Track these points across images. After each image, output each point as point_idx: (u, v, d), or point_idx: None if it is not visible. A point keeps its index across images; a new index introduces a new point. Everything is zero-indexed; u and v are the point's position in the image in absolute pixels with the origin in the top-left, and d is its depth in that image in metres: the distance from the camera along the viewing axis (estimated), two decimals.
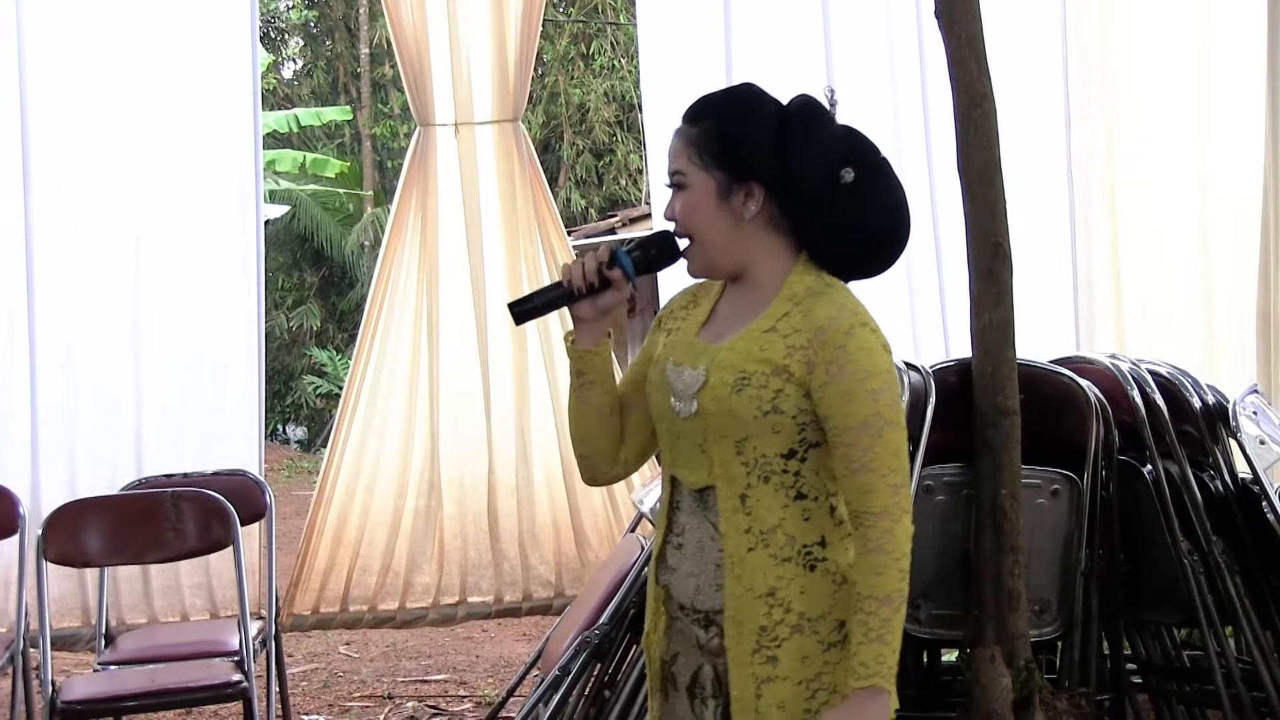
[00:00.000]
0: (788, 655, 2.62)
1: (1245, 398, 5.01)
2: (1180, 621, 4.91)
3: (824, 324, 2.62)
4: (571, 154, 21.93)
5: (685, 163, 2.72)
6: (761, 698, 2.63)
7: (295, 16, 24.76)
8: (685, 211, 2.72)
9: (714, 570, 2.69)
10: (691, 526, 2.72)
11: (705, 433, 2.66)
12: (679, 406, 2.70)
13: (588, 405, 2.81)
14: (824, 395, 2.60)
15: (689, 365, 2.70)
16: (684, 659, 2.80)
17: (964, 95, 4.08)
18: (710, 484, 2.68)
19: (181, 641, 5.72)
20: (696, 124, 2.74)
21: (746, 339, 2.67)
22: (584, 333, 2.79)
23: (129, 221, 6.38)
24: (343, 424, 6.85)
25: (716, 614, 2.69)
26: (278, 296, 22.43)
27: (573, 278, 2.73)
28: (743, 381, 2.62)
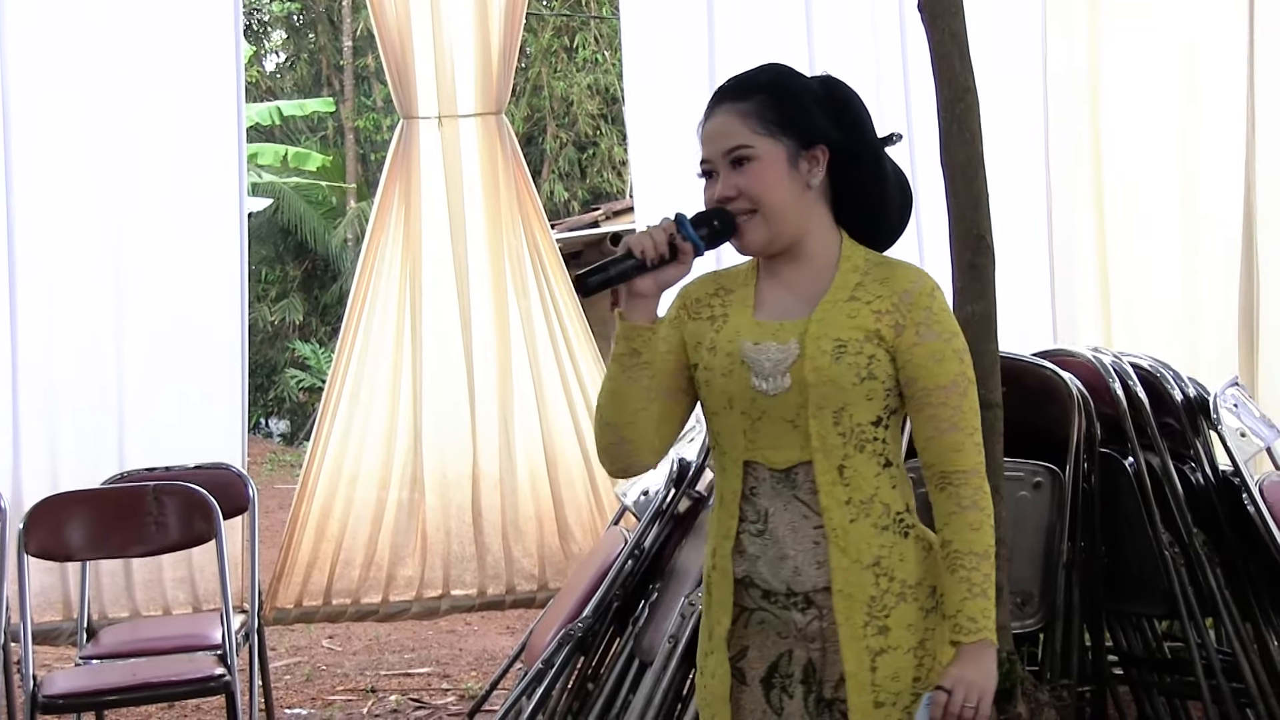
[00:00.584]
0: (897, 624, 2.65)
1: (1226, 390, 5.03)
2: (1161, 613, 4.93)
3: (908, 287, 2.69)
4: (555, 147, 21.94)
5: (749, 135, 2.69)
6: (877, 670, 2.64)
7: (278, 9, 24.73)
8: (755, 183, 2.69)
9: (812, 548, 2.67)
10: (776, 509, 2.69)
11: (802, 406, 2.64)
12: (764, 385, 2.66)
13: (637, 385, 2.71)
14: (913, 356, 2.66)
15: (774, 341, 2.68)
16: (757, 651, 2.75)
17: (947, 89, 4.08)
18: (804, 460, 2.66)
19: (163, 635, 5.70)
20: (748, 98, 2.72)
21: (831, 310, 2.68)
22: (641, 308, 2.68)
23: (111, 214, 6.36)
24: (325, 417, 6.84)
25: (818, 592, 2.67)
26: (260, 289, 22.41)
27: (645, 249, 2.64)
28: (840, 350, 2.63)
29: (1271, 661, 4.70)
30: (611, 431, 2.75)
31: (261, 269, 22.59)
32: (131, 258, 6.38)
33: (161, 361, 6.40)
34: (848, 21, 6.77)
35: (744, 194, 2.70)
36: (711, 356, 2.73)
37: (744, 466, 2.72)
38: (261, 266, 22.57)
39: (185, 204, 6.43)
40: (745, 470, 2.72)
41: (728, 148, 2.71)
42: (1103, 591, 4.79)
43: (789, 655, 2.72)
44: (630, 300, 2.68)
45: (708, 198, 2.75)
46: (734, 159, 2.70)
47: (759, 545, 2.71)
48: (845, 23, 6.77)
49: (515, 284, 6.86)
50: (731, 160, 2.71)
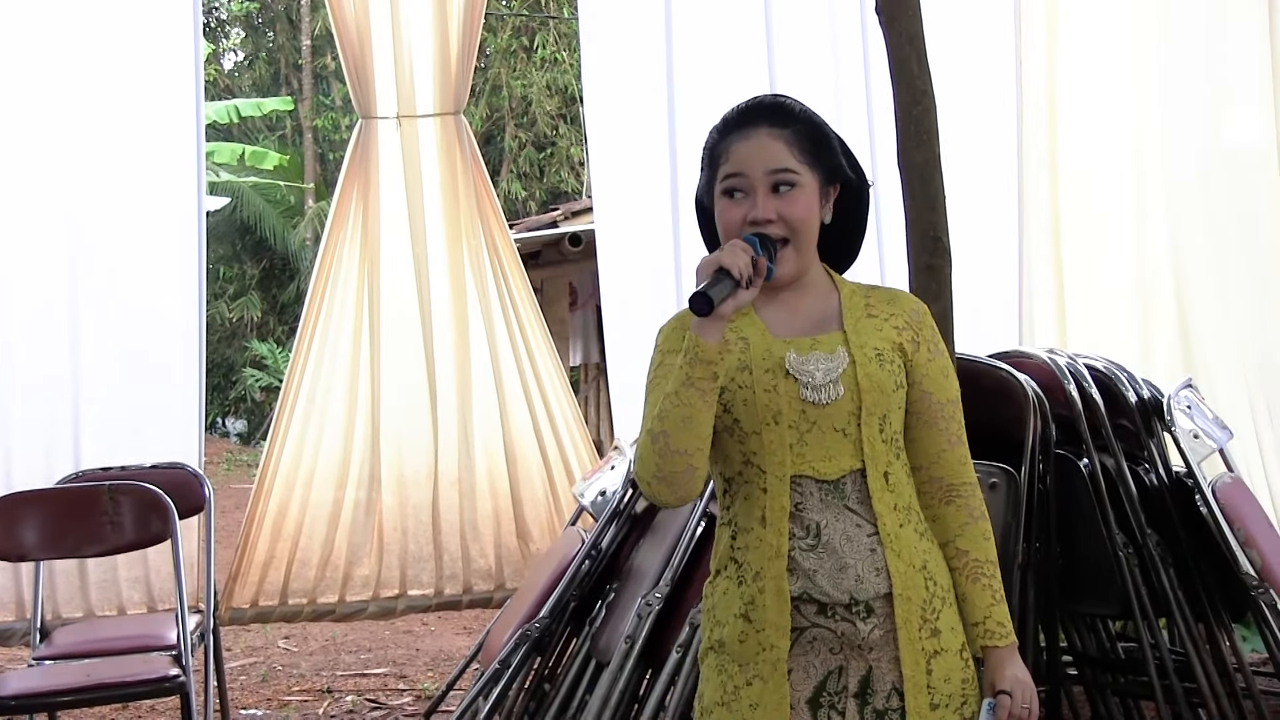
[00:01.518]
0: (945, 626, 2.68)
1: (1180, 392, 5.07)
2: (1115, 614, 4.96)
3: (914, 307, 2.79)
4: (514, 146, 21.92)
5: (794, 162, 2.69)
6: (932, 673, 2.66)
7: (236, 7, 24.66)
8: (797, 211, 2.68)
9: (869, 555, 2.65)
10: (828, 521, 2.66)
11: (854, 414, 2.65)
12: (815, 396, 2.65)
13: (711, 410, 2.62)
14: (929, 372, 2.73)
15: (822, 351, 2.68)
16: (802, 672, 2.68)
17: (904, 92, 4.10)
18: (853, 468, 2.66)
19: (118, 636, 5.67)
20: (788, 126, 2.72)
21: (860, 324, 2.73)
22: (717, 330, 2.58)
23: (68, 212, 6.33)
24: (282, 417, 6.82)
25: (879, 599, 2.65)
26: (218, 288, 22.37)
27: (742, 270, 2.56)
28: (880, 357, 2.68)
29: (1223, 661, 4.74)
30: (681, 460, 2.61)
31: (219, 267, 22.55)
32: (88, 256, 6.35)
33: (118, 360, 6.38)
34: (807, 22, 6.79)
35: (784, 220, 2.68)
36: (747, 375, 2.68)
37: (790, 482, 2.68)
38: (219, 265, 22.53)
39: (143, 202, 6.41)
40: (792, 486, 2.68)
41: (773, 169, 2.69)
42: (1057, 592, 4.82)
43: (839, 671, 2.68)
44: (713, 322, 2.58)
45: (734, 216, 2.70)
46: (777, 183, 2.69)
47: (814, 559, 2.66)
48: (805, 23, 6.78)
49: (474, 284, 6.86)
50: (774, 183, 2.69)
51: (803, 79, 6.65)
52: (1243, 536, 4.74)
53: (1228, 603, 4.87)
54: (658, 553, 4.89)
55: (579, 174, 21.31)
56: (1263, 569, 4.70)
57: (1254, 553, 4.72)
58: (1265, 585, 4.69)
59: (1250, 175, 6.80)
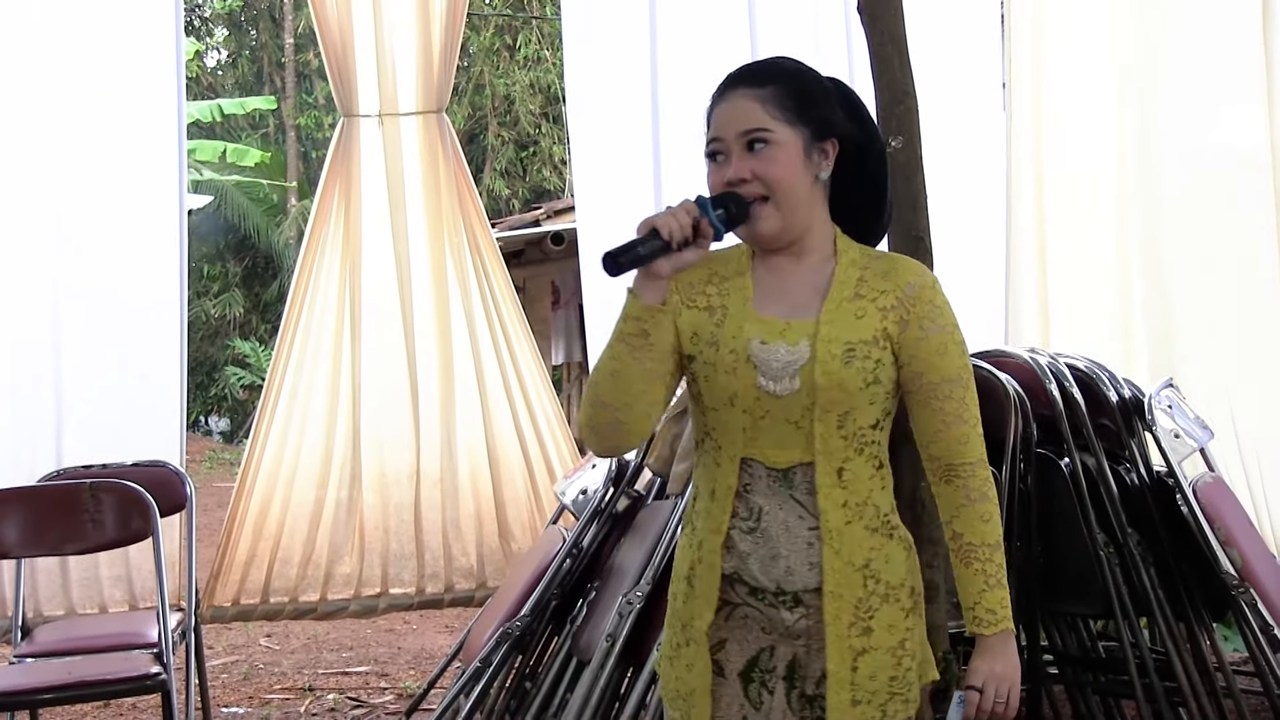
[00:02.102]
0: (880, 625, 2.66)
1: (1160, 392, 5.08)
2: (1096, 613, 4.97)
3: (911, 280, 2.70)
4: (496, 145, 21.91)
5: (768, 119, 2.66)
6: (857, 670, 2.65)
7: (219, 5, 24.60)
8: (772, 168, 2.66)
9: (806, 549, 2.66)
10: (771, 508, 2.68)
11: (809, 409, 2.64)
12: (772, 385, 2.65)
13: (641, 367, 2.66)
14: (919, 351, 2.66)
15: (784, 342, 2.66)
16: (736, 645, 2.74)
17: (886, 91, 4.09)
18: (803, 461, 2.65)
19: (99, 634, 5.65)
20: (767, 85, 2.70)
21: (839, 310, 2.67)
22: (654, 288, 2.65)
23: (49, 210, 6.32)
24: (264, 415, 6.81)
25: (809, 592, 2.67)
26: (201, 286, 22.34)
27: (672, 231, 2.60)
28: (850, 354, 2.63)
29: (1204, 660, 4.75)
30: (607, 412, 2.69)
31: (203, 265, 22.51)
32: (69, 254, 6.34)
33: (100, 358, 6.37)
34: (790, 20, 6.79)
35: (758, 178, 2.67)
36: (714, 352, 2.69)
37: (740, 463, 2.71)
38: (202, 263, 22.49)
39: (124, 200, 6.40)
40: (742, 466, 2.71)
41: (743, 129, 2.68)
42: (1038, 591, 4.83)
43: (771, 651, 2.72)
44: (646, 280, 2.65)
45: (715, 180, 2.71)
46: (749, 141, 2.67)
47: (750, 542, 2.69)
48: (788, 21, 6.78)
49: (456, 282, 6.86)
50: (747, 143, 2.68)
51: None
52: (1223, 536, 4.75)
53: (1208, 602, 4.87)
54: (639, 551, 4.89)
55: (561, 173, 21.31)
56: (1243, 568, 4.71)
57: (1234, 552, 4.73)
58: (1245, 584, 4.70)
59: (1236, 176, 6.81)
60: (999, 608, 2.68)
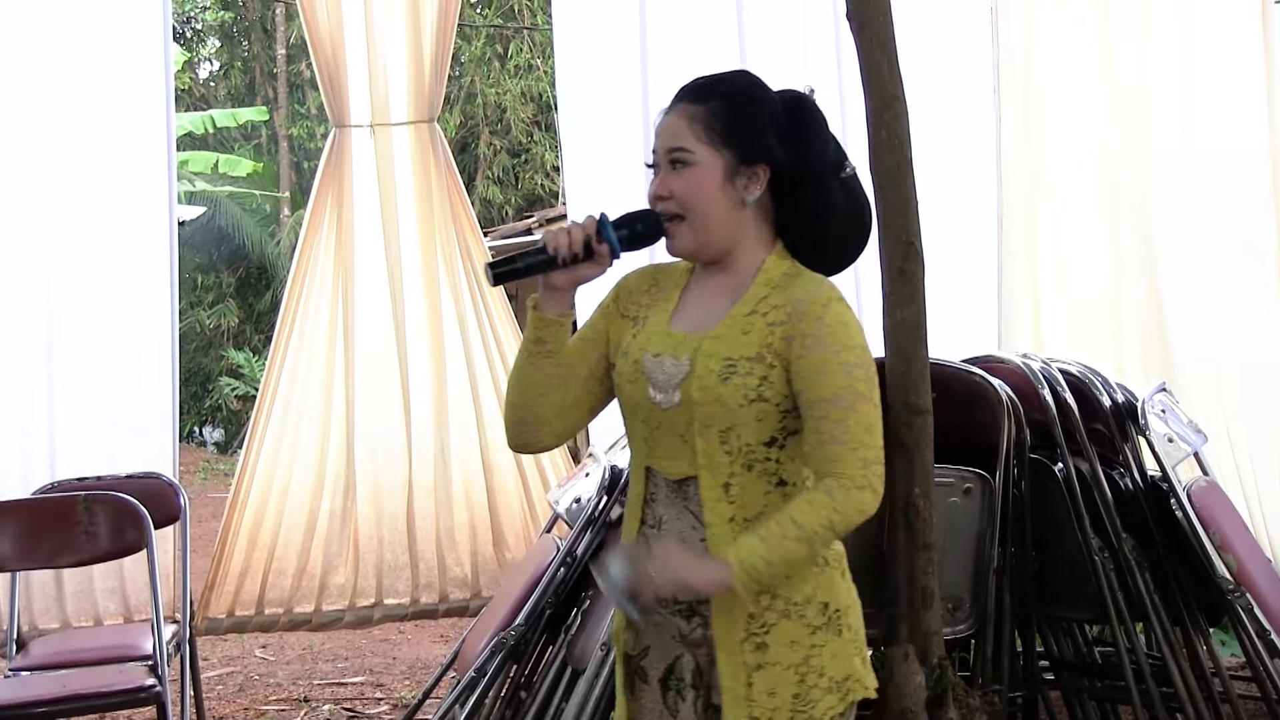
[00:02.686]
0: (776, 641, 2.64)
1: (1154, 396, 5.08)
2: (1091, 618, 4.97)
3: (802, 297, 2.66)
4: (489, 153, 21.92)
5: (691, 140, 2.69)
6: (753, 685, 2.65)
7: (211, 17, 24.59)
8: (687, 189, 2.68)
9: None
10: (669, 517, 2.71)
11: (690, 423, 2.65)
12: (659, 398, 2.68)
13: (540, 373, 2.75)
14: (799, 368, 2.62)
15: (670, 355, 2.69)
16: (656, 651, 2.78)
17: (876, 97, 4.10)
18: (692, 474, 2.67)
19: (94, 646, 5.66)
20: (703, 102, 2.72)
21: (730, 325, 2.68)
22: (552, 300, 2.72)
23: (39, 222, 6.29)
24: (258, 426, 6.80)
25: (701, 604, 2.69)
26: (195, 296, 22.32)
27: (559, 245, 2.66)
28: (729, 370, 2.62)
29: (1200, 665, 4.75)
30: (514, 410, 2.82)
31: (196, 276, 22.49)
32: (60, 266, 6.31)
33: (91, 370, 6.34)
34: (780, 28, 6.79)
35: (675, 196, 2.70)
36: (623, 362, 2.76)
37: (645, 472, 2.76)
38: (196, 274, 22.47)
39: (115, 212, 6.38)
40: (646, 476, 2.76)
41: (669, 147, 2.71)
42: (1033, 597, 4.82)
43: (679, 659, 2.76)
44: (545, 292, 2.73)
45: (648, 193, 2.76)
46: (672, 160, 2.71)
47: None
48: (777, 29, 6.78)
49: (449, 292, 6.85)
50: (670, 160, 2.71)
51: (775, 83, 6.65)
52: (1218, 540, 4.75)
53: (1204, 607, 4.88)
54: None
55: (554, 180, 21.33)
56: (1238, 572, 4.72)
57: (1229, 556, 4.74)
58: (1241, 589, 4.70)
59: (1232, 179, 6.81)
60: (744, 550, 2.54)
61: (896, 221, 4.06)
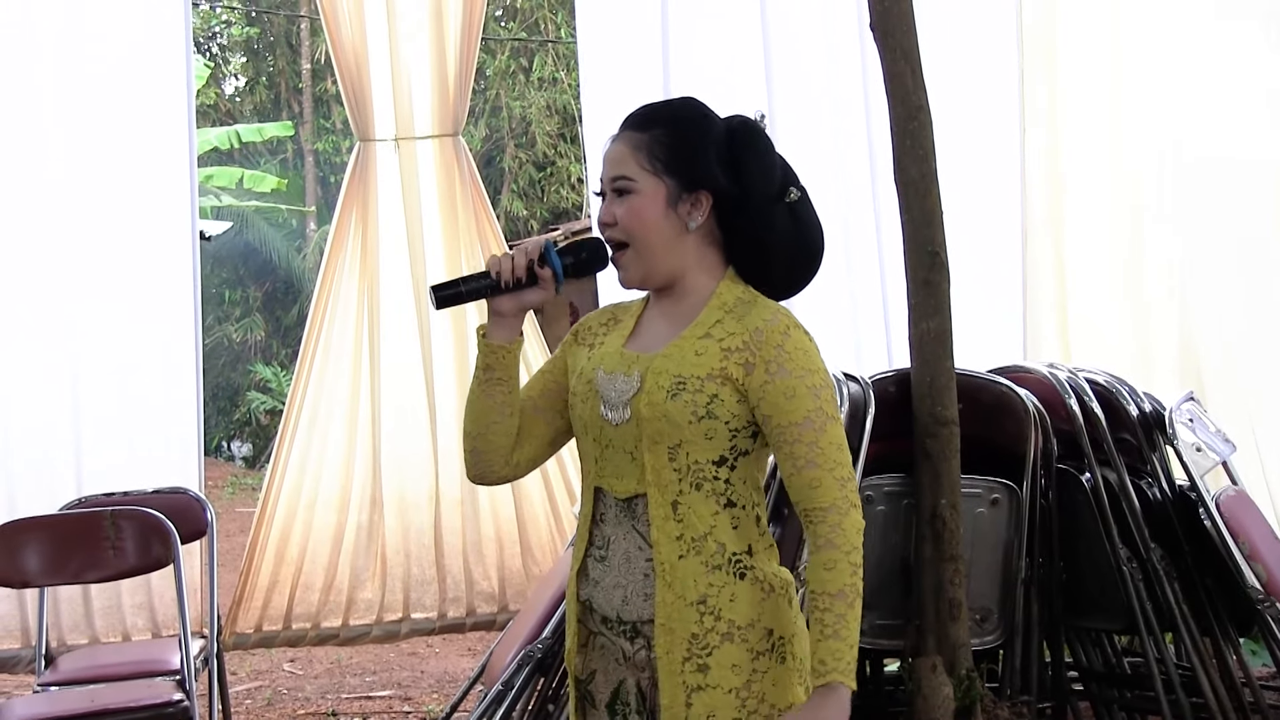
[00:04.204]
0: (718, 664, 2.63)
1: (1181, 405, 5.05)
2: (1120, 628, 4.95)
3: (760, 325, 2.65)
4: (514, 166, 21.96)
5: (634, 168, 2.70)
6: (692, 706, 2.63)
7: (237, 33, 24.68)
8: (630, 217, 2.70)
9: (642, 580, 2.68)
10: (617, 537, 2.72)
11: (638, 439, 2.66)
12: (610, 415, 2.70)
13: (491, 400, 2.77)
14: (765, 395, 2.62)
15: (621, 372, 2.70)
16: (603, 676, 2.79)
17: (900, 107, 4.11)
18: (640, 492, 2.67)
19: (122, 661, 5.66)
20: (646, 130, 2.73)
21: (681, 346, 2.68)
22: (500, 328, 2.75)
23: (62, 238, 6.31)
24: (284, 440, 6.81)
25: (645, 624, 2.69)
26: (223, 311, 22.40)
27: (501, 270, 2.69)
28: (679, 386, 2.63)
29: (1230, 675, 4.73)
30: (467, 440, 2.84)
31: (224, 291, 22.56)
32: (83, 283, 6.33)
33: (117, 385, 6.36)
34: (803, 39, 6.78)
35: (619, 224, 2.72)
36: (577, 382, 2.79)
37: (595, 492, 2.77)
38: (224, 288, 22.54)
39: (137, 227, 6.39)
40: (596, 496, 2.77)
41: (613, 175, 2.74)
42: (1061, 607, 4.81)
43: (623, 683, 2.77)
44: (491, 319, 2.75)
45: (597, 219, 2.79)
46: (616, 188, 2.73)
47: (599, 571, 2.74)
48: (801, 40, 6.77)
49: (473, 305, 6.84)
50: (615, 189, 2.73)
51: (799, 94, 6.66)
52: (1247, 550, 4.73)
53: (1233, 616, 4.86)
54: None
55: (579, 192, 21.36)
56: (1268, 582, 4.70)
57: (1259, 566, 4.71)
58: (1270, 599, 4.68)
59: (1257, 185, 6.78)
60: (830, 659, 2.54)
61: (922, 232, 4.07)
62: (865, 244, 6.60)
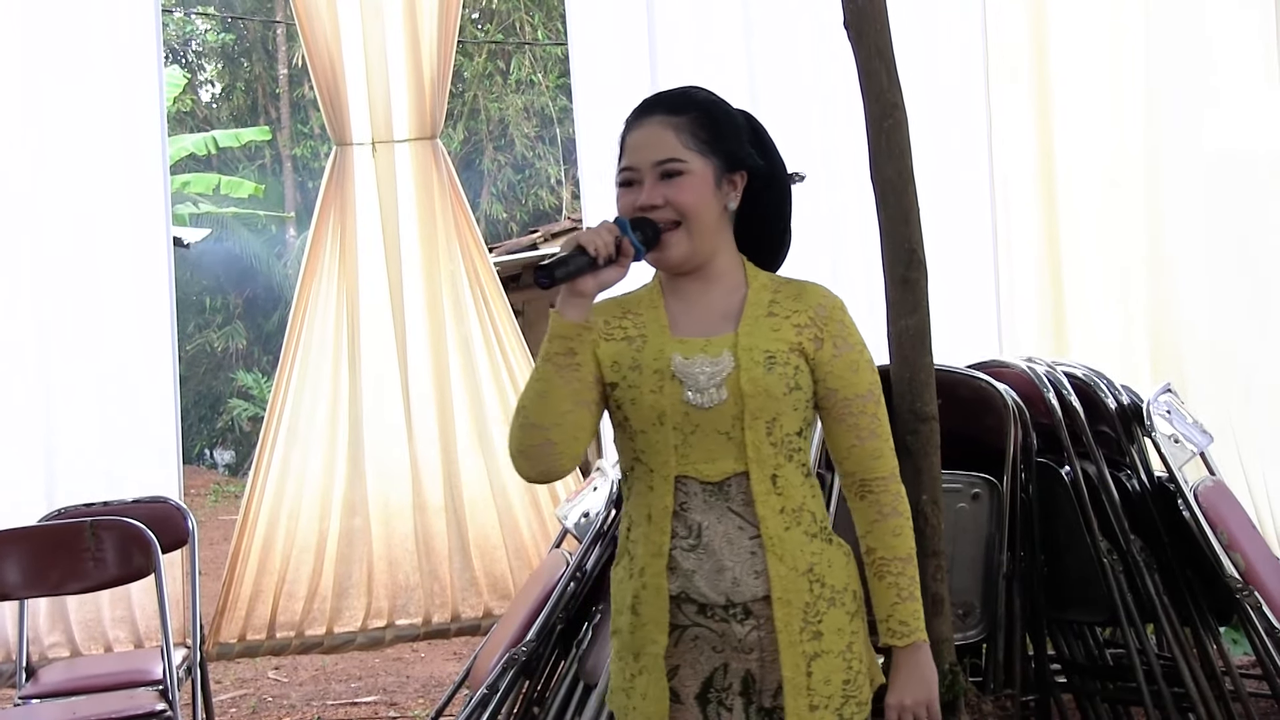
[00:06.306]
0: (829, 629, 2.71)
1: (1159, 397, 5.07)
2: (1102, 620, 4.95)
3: (821, 301, 2.78)
4: (493, 169, 21.97)
5: (681, 149, 2.73)
6: (812, 675, 2.69)
7: (212, 38, 24.63)
8: (685, 196, 2.72)
9: (749, 558, 2.69)
10: (709, 522, 2.70)
11: (738, 418, 2.68)
12: (698, 398, 2.69)
13: (569, 387, 2.68)
14: (833, 368, 2.74)
15: (706, 355, 2.71)
16: (689, 668, 2.75)
17: (875, 105, 4.09)
18: (738, 471, 2.69)
19: (104, 672, 5.64)
20: (682, 113, 2.76)
21: (754, 323, 2.74)
22: (579, 308, 2.67)
23: (33, 245, 6.32)
24: (265, 447, 6.80)
25: (756, 602, 2.70)
26: (204, 319, 22.36)
27: (598, 247, 2.63)
28: (770, 361, 2.69)
29: (1211, 665, 4.74)
30: (538, 433, 2.70)
31: (204, 298, 22.53)
32: (58, 292, 6.33)
33: (94, 396, 6.36)
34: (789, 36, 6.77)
35: (671, 204, 2.72)
36: (637, 375, 2.73)
37: (675, 482, 2.73)
38: (204, 295, 22.51)
39: (110, 235, 6.40)
40: (676, 486, 2.73)
41: (659, 159, 2.73)
42: (1043, 600, 4.81)
43: (724, 669, 2.74)
44: (571, 299, 2.67)
45: (625, 205, 2.76)
46: (665, 170, 2.73)
47: (694, 560, 2.71)
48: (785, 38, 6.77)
49: (452, 309, 6.85)
50: (661, 172, 2.73)
51: (784, 90, 6.67)
52: (1226, 540, 4.74)
53: (1213, 606, 4.87)
54: None
55: (558, 194, 21.37)
56: (1246, 571, 4.70)
57: (1237, 555, 4.72)
58: (1249, 588, 4.68)
59: (1237, 178, 6.80)
60: (911, 619, 2.75)
61: (899, 230, 4.05)
62: (852, 243, 6.60)
